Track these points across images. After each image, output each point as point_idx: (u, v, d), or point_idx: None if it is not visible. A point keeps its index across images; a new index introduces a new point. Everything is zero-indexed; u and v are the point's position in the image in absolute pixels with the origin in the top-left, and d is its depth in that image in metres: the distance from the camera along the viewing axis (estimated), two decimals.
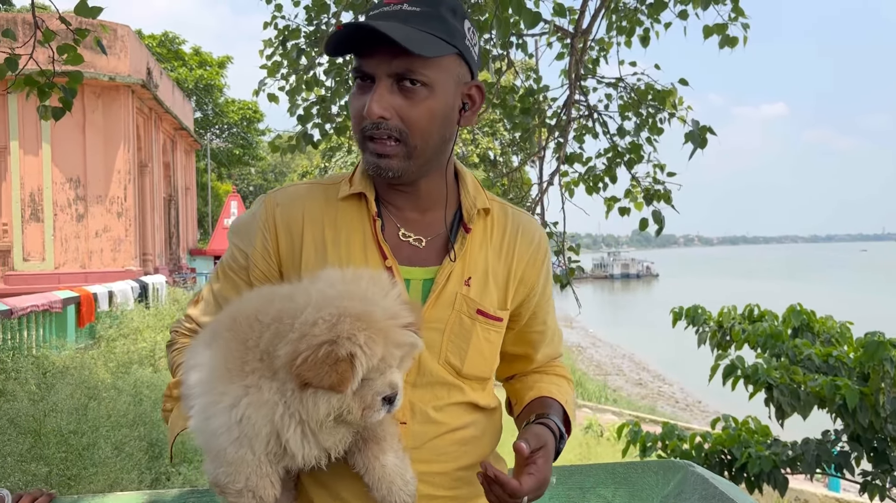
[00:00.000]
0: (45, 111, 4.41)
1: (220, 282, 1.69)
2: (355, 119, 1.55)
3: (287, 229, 1.62)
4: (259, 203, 1.68)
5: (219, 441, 1.25)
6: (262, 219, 1.64)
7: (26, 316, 11.47)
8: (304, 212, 1.63)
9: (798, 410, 5.14)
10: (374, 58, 1.49)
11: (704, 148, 5.95)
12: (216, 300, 1.67)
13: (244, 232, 1.66)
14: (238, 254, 1.66)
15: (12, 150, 21.14)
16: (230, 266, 1.67)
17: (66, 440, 6.23)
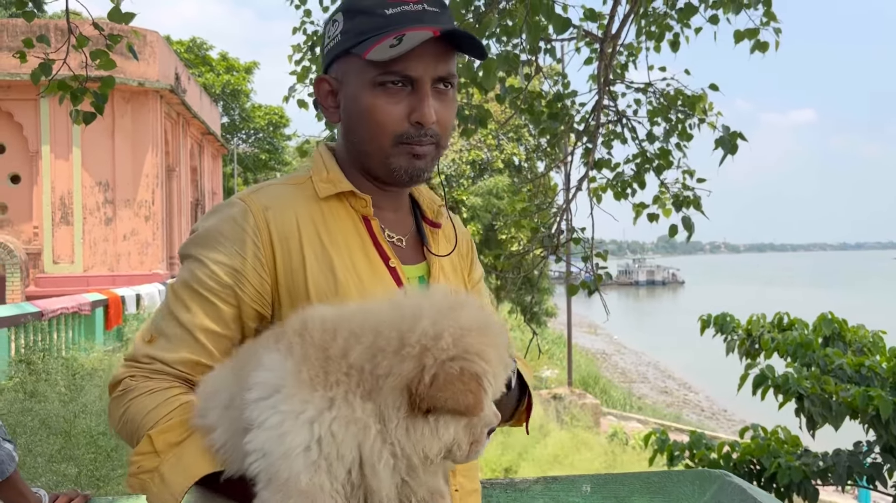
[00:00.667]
0: (77, 115, 4.45)
1: (191, 310, 1.45)
2: (388, 125, 1.50)
3: (283, 236, 1.49)
4: (237, 207, 1.51)
5: (292, 464, 1.00)
6: (252, 225, 1.47)
7: (56, 318, 11.61)
8: (297, 214, 1.53)
9: (829, 421, 5.05)
10: (421, 61, 1.48)
11: (735, 154, 5.89)
12: (191, 333, 1.44)
13: (225, 242, 1.47)
14: (219, 269, 1.45)
15: (43, 155, 21.45)
16: (206, 286, 1.45)
17: (95, 441, 6.29)
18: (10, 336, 9.90)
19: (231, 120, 45.19)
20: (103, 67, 4.45)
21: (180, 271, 1.52)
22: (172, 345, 1.44)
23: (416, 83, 1.50)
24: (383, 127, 1.50)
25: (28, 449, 5.52)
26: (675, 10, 6.30)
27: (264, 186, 1.58)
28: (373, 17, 1.51)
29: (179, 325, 1.44)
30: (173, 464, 1.23)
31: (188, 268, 1.48)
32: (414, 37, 1.44)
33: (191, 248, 1.50)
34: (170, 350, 1.43)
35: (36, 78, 4.28)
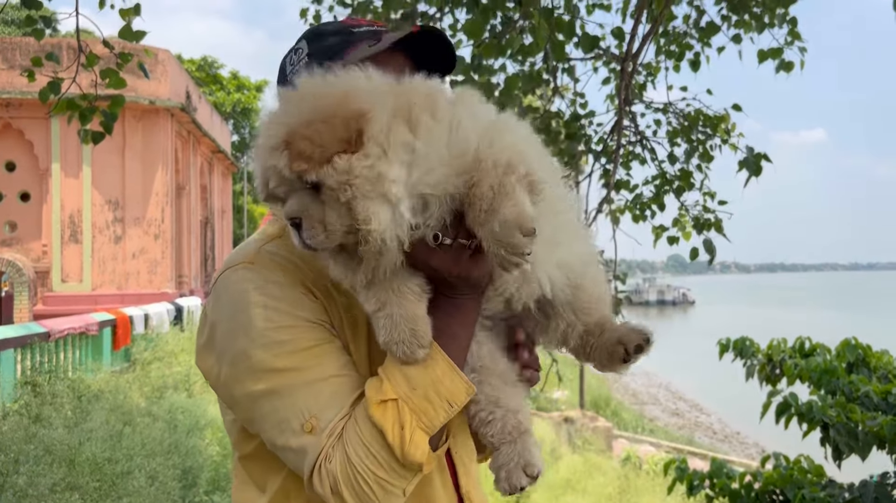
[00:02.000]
0: (86, 135, 4.35)
1: (320, 363, 1.41)
2: None
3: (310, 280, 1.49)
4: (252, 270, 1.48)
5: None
6: (282, 273, 1.48)
7: (63, 338, 11.51)
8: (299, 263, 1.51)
9: (856, 451, 4.91)
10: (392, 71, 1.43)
11: (759, 175, 5.75)
12: (339, 376, 1.41)
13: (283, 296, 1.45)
14: (302, 321, 1.43)
15: (54, 173, 21.47)
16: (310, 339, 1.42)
17: (101, 468, 6.15)
18: (16, 357, 9.80)
19: (241, 138, 45.38)
20: (113, 86, 4.36)
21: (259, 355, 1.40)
22: (337, 402, 1.40)
23: None
24: None
25: (30, 478, 5.38)
26: (696, 28, 6.20)
27: (258, 245, 1.56)
28: (341, 35, 1.56)
29: (324, 382, 1.40)
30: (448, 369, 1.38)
31: (271, 341, 1.40)
32: (392, 36, 1.48)
33: (254, 325, 1.41)
34: (340, 407, 1.40)
35: (45, 97, 4.19)
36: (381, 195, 1.24)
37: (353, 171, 1.23)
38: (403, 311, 1.33)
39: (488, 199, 1.24)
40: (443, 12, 5.68)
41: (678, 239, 6.66)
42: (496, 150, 1.27)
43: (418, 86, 1.35)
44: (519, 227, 1.21)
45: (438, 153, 1.28)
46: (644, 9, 5.63)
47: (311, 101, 1.28)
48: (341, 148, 1.23)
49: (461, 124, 1.31)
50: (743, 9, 5.78)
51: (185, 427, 8.88)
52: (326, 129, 1.23)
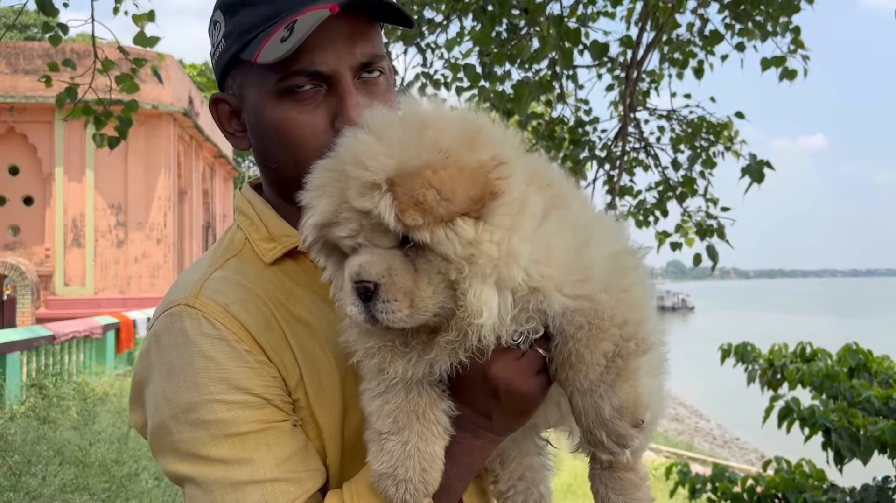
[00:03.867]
0: (101, 140, 4.42)
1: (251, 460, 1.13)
2: (308, 140, 1.19)
3: (263, 328, 1.21)
4: (191, 319, 1.18)
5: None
6: (225, 331, 1.18)
7: (68, 341, 11.56)
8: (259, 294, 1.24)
9: (858, 455, 4.96)
10: (330, 49, 1.19)
11: (762, 182, 5.82)
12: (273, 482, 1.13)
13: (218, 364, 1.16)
14: (241, 395, 1.15)
15: (57, 177, 21.52)
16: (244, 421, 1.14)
17: (109, 470, 6.21)
18: (22, 360, 9.84)
19: None
20: (127, 91, 4.42)
21: (183, 434, 1.15)
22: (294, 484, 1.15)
23: (333, 79, 1.20)
24: (302, 144, 1.20)
25: (43, 478, 5.45)
26: (700, 37, 6.28)
27: (204, 277, 1.25)
28: (257, 6, 1.22)
29: (255, 486, 1.13)
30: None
31: (197, 420, 1.14)
32: (306, 20, 1.14)
33: (182, 394, 1.15)
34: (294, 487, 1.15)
35: (61, 102, 4.25)
36: (501, 279, 1.00)
37: (480, 243, 0.96)
38: (423, 446, 1.08)
39: (600, 368, 1.04)
40: (450, 19, 5.75)
41: (681, 245, 6.72)
42: (619, 299, 1.07)
43: (539, 159, 1.13)
44: (632, 418, 1.04)
45: (562, 252, 1.05)
46: (648, 17, 5.70)
47: (433, 135, 1.01)
48: (469, 209, 0.96)
49: (593, 238, 1.09)
50: (746, 17, 5.85)
51: None
52: (460, 180, 0.96)
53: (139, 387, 1.24)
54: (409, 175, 0.96)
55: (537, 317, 1.05)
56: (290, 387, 1.21)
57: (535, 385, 1.09)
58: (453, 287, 0.99)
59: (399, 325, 1.01)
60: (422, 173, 0.96)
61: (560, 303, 1.03)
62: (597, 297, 1.05)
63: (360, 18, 1.22)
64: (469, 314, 0.99)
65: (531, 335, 1.06)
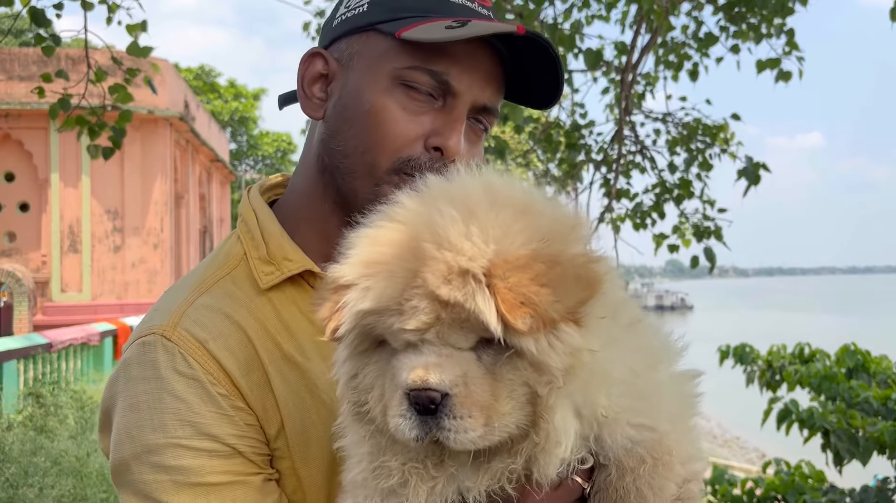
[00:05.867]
0: (95, 151, 4.41)
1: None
2: (397, 139, 1.11)
3: (243, 371, 1.11)
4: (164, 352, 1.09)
5: None
6: (201, 371, 1.08)
7: (65, 349, 11.53)
8: (245, 330, 1.13)
9: (857, 456, 4.96)
10: (470, 74, 1.13)
11: (758, 184, 5.83)
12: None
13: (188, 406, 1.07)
14: (209, 443, 1.07)
15: (53, 183, 21.50)
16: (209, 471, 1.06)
17: (107, 480, 6.19)
18: (19, 368, 9.82)
19: (239, 147, 45.43)
20: (121, 101, 4.41)
21: (143, 475, 1.07)
22: None
23: (454, 99, 1.13)
24: (386, 138, 1.11)
25: (40, 489, 5.44)
26: (695, 39, 6.29)
27: (187, 304, 1.14)
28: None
29: None
30: None
31: (160, 464, 1.06)
32: (486, 26, 1.07)
33: (146, 434, 1.07)
34: None
35: (54, 112, 4.24)
36: (583, 403, 0.85)
37: (581, 353, 0.82)
38: None
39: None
40: None
41: (678, 247, 6.73)
42: (684, 433, 0.94)
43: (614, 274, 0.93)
44: None
45: (633, 372, 0.89)
46: (643, 20, 5.70)
47: (535, 221, 0.85)
48: (573, 315, 0.81)
49: (662, 360, 0.95)
50: (741, 20, 5.87)
51: None
52: (571, 278, 0.81)
53: (106, 414, 1.17)
54: (515, 266, 0.80)
55: (593, 446, 0.89)
56: (269, 435, 1.13)
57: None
58: (533, 403, 0.83)
59: (466, 448, 0.83)
60: (533, 267, 0.80)
61: (625, 435, 0.88)
62: (661, 428, 0.90)
63: (502, 72, 1.16)
64: (548, 440, 0.83)
65: (577, 464, 0.89)
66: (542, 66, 1.16)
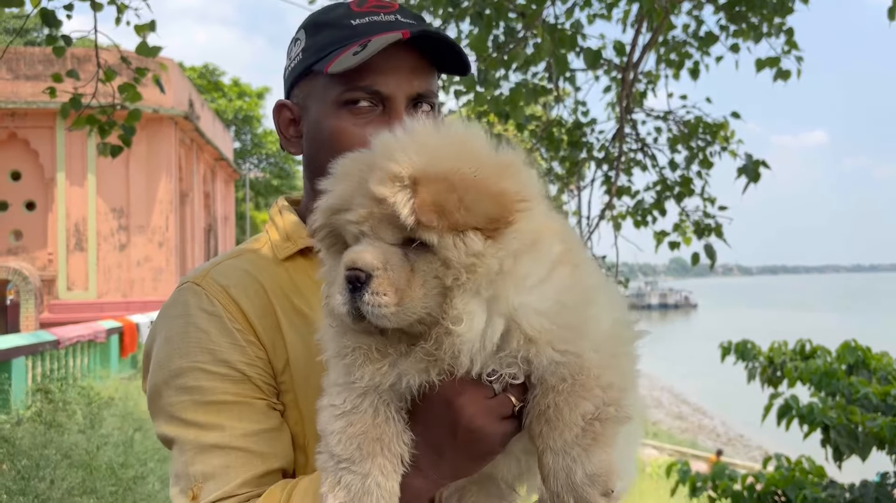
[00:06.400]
0: (105, 149, 4.48)
1: (221, 426, 1.24)
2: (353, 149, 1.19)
3: (258, 314, 1.33)
4: (193, 293, 1.33)
5: None
6: (222, 309, 1.30)
7: (72, 346, 11.62)
8: (262, 284, 1.36)
9: (856, 452, 5.00)
10: (393, 76, 1.32)
11: (758, 182, 5.87)
12: (236, 449, 1.23)
13: (208, 337, 1.28)
14: (223, 368, 1.27)
15: (59, 182, 21.62)
16: (222, 391, 1.25)
17: (116, 473, 6.28)
18: (27, 364, 9.91)
19: (243, 145, 45.50)
20: (130, 100, 4.48)
21: (170, 398, 1.27)
22: (224, 477, 1.22)
23: (388, 101, 1.33)
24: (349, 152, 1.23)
25: (51, 482, 5.52)
26: (695, 38, 6.34)
27: (216, 262, 1.40)
28: (338, 28, 1.37)
29: (220, 452, 1.23)
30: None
31: (182, 385, 1.26)
32: (380, 41, 1.27)
33: (174, 360, 1.28)
34: (225, 483, 1.22)
35: (66, 112, 4.31)
36: (492, 297, 1.00)
37: (484, 256, 0.98)
38: (384, 481, 1.04)
39: (577, 429, 1.02)
40: (447, 24, 5.81)
41: (679, 244, 6.77)
42: (608, 362, 1.05)
43: (560, 217, 1.15)
44: (604, 486, 1.01)
45: (563, 307, 1.03)
46: (644, 19, 5.75)
47: (471, 150, 1.04)
48: (484, 226, 0.98)
49: (596, 300, 1.08)
50: (741, 19, 5.91)
51: None
52: (484, 197, 0.98)
53: (147, 356, 1.38)
54: (436, 176, 0.99)
55: (521, 365, 1.02)
56: (276, 369, 1.32)
57: (497, 429, 1.06)
58: (444, 295, 0.99)
59: (381, 322, 0.99)
60: (449, 177, 0.98)
61: (549, 356, 1.01)
62: (586, 355, 1.03)
63: (423, 59, 1.35)
64: (450, 320, 0.98)
65: (508, 379, 1.04)
66: (445, 46, 1.37)
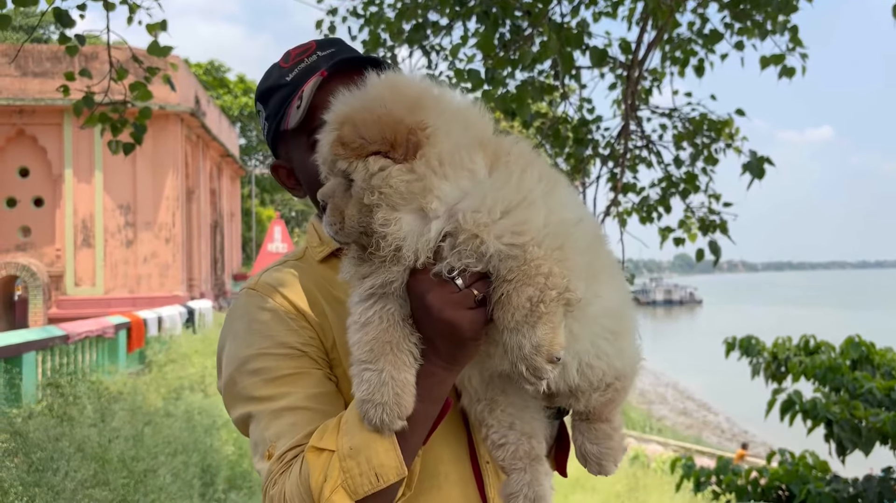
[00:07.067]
0: (117, 146, 4.55)
1: (288, 393, 1.44)
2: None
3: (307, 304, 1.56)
4: (251, 297, 1.57)
5: None
6: (278, 303, 1.54)
7: (81, 341, 11.70)
8: (306, 283, 1.59)
9: (859, 446, 5.03)
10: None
11: (762, 178, 5.90)
12: (304, 409, 1.43)
13: (268, 327, 1.51)
14: (283, 349, 1.48)
15: (66, 178, 21.72)
16: (285, 367, 1.47)
17: (127, 466, 6.36)
18: (37, 359, 9.99)
19: (248, 141, 45.58)
20: (141, 98, 4.55)
21: (243, 382, 1.48)
22: (293, 432, 1.41)
23: None
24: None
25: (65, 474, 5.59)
26: (700, 35, 6.36)
27: (265, 271, 1.64)
28: (280, 89, 1.61)
29: (289, 412, 1.43)
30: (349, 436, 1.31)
31: (252, 369, 1.47)
32: (309, 88, 1.53)
33: (242, 351, 1.50)
34: (293, 436, 1.40)
35: (78, 110, 4.38)
36: (415, 208, 1.21)
37: (389, 179, 1.20)
38: (396, 374, 1.26)
39: (524, 310, 1.19)
40: (454, 23, 5.86)
41: (684, 240, 6.80)
42: (548, 254, 1.21)
43: (523, 144, 1.34)
44: (548, 355, 1.19)
45: (500, 205, 1.22)
46: (649, 17, 5.79)
47: (382, 91, 1.26)
48: (382, 149, 1.21)
49: (536, 202, 1.25)
50: (745, 17, 5.93)
51: (202, 427, 9.07)
52: (375, 124, 1.21)
53: (219, 358, 1.59)
54: (347, 118, 1.23)
55: (475, 258, 1.22)
56: (327, 348, 1.54)
57: (465, 317, 1.24)
58: (372, 212, 1.22)
59: (336, 237, 1.30)
60: (351, 117, 1.22)
61: (494, 246, 1.20)
62: (529, 249, 1.20)
63: (352, 75, 1.49)
64: (379, 228, 1.22)
65: (466, 272, 1.23)
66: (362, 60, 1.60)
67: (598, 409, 1.46)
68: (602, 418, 1.47)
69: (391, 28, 6.15)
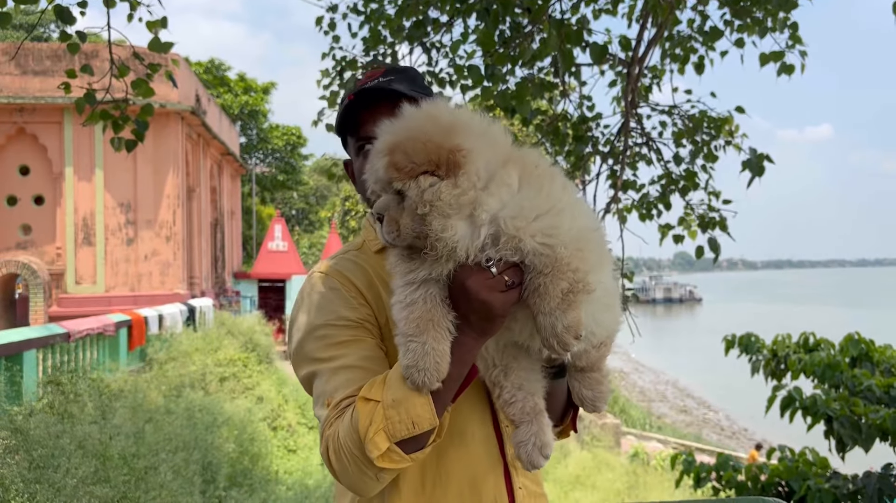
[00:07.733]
0: (119, 143, 4.56)
1: (345, 354, 1.74)
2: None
3: (366, 286, 1.84)
4: (319, 278, 1.87)
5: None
6: (340, 283, 1.83)
7: (82, 339, 11.72)
8: (366, 269, 1.88)
9: (859, 443, 5.03)
10: (372, 123, 1.75)
11: (762, 176, 5.90)
12: (358, 368, 1.71)
13: (332, 302, 1.80)
14: (343, 320, 1.77)
15: (67, 176, 21.72)
16: (344, 334, 1.76)
17: (129, 463, 6.36)
18: (38, 357, 9.99)
19: (249, 140, 45.57)
20: (143, 95, 4.56)
21: (309, 346, 1.78)
22: (348, 386, 1.68)
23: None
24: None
25: (66, 471, 5.60)
26: (700, 33, 6.35)
27: (332, 258, 1.94)
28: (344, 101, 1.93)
29: (345, 370, 1.71)
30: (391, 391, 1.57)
31: (318, 335, 1.77)
32: (342, 104, 1.90)
33: (310, 321, 1.79)
34: (347, 389, 1.68)
35: (80, 107, 4.39)
36: (467, 216, 1.47)
37: (440, 193, 1.45)
38: (437, 345, 1.53)
39: (557, 299, 1.48)
40: (454, 20, 5.86)
41: (683, 237, 6.80)
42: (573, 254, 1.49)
43: (542, 159, 1.61)
44: (575, 333, 1.48)
45: (534, 212, 1.50)
46: (649, 14, 5.79)
47: (422, 122, 1.50)
48: (429, 168, 1.46)
49: (563, 211, 1.53)
50: (745, 14, 5.93)
51: (203, 424, 9.09)
52: (422, 150, 1.45)
53: (291, 323, 1.88)
54: (396, 145, 1.47)
55: (513, 253, 1.49)
56: (380, 323, 1.82)
57: (497, 299, 1.50)
58: (425, 220, 1.46)
59: (394, 243, 1.53)
60: (403, 144, 1.46)
61: (531, 244, 1.47)
62: (558, 250, 1.48)
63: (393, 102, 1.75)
64: (434, 234, 1.46)
65: (503, 264, 1.50)
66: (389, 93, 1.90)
67: (591, 362, 1.75)
68: (594, 369, 1.76)
69: (391, 25, 6.15)
